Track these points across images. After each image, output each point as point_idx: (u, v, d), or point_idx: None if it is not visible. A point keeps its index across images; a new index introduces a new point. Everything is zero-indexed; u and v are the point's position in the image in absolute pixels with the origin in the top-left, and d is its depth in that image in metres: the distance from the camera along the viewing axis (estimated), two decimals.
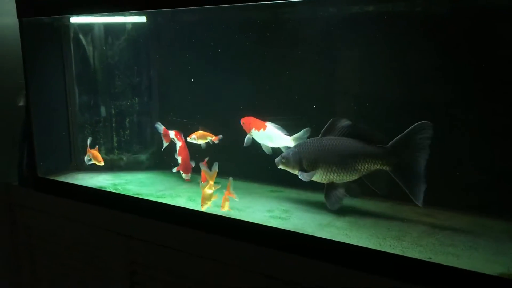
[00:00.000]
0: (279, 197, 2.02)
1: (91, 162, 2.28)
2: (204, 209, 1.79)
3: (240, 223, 1.73)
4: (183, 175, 2.23)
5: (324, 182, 1.80)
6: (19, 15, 2.22)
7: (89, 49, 2.44)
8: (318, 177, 1.79)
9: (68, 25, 2.40)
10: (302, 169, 1.80)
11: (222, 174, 2.25)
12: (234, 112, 2.08)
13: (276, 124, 1.96)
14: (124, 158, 2.48)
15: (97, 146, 2.28)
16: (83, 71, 2.45)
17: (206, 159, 1.99)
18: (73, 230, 2.21)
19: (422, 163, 1.57)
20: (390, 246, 1.50)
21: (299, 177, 1.80)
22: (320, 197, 1.94)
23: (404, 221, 1.70)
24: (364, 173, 1.71)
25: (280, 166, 1.86)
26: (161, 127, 2.27)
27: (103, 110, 2.47)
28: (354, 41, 1.92)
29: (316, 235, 1.58)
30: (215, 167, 1.78)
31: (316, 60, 2.00)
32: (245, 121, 2.00)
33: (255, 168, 2.15)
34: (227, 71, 2.22)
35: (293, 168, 1.83)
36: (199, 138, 2.13)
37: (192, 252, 1.79)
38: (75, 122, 2.48)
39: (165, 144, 2.27)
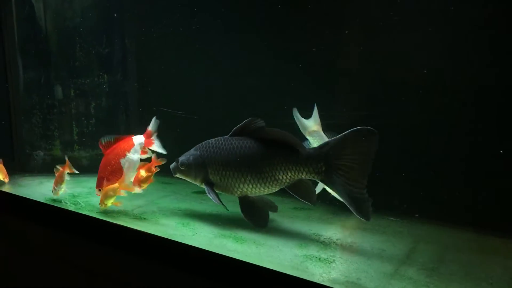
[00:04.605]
0: (309, 218, 1.55)
1: None
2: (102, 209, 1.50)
3: (262, 272, 1.14)
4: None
5: (236, 195, 1.41)
6: None
7: (39, 7, 1.92)
8: (228, 188, 1.41)
9: None
10: (206, 179, 1.42)
11: None
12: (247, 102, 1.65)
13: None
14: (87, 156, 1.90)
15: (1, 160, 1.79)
16: (30, 37, 1.95)
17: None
18: (17, 259, 1.72)
19: (362, 172, 1.28)
20: None
21: (207, 193, 1.40)
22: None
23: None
24: (286, 183, 1.37)
25: (177, 175, 1.50)
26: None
27: (58, 90, 1.96)
28: None
29: None
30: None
31: None
32: None
33: None
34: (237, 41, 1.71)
35: (195, 177, 1.46)
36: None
37: None
38: (19, 107, 1.97)
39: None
